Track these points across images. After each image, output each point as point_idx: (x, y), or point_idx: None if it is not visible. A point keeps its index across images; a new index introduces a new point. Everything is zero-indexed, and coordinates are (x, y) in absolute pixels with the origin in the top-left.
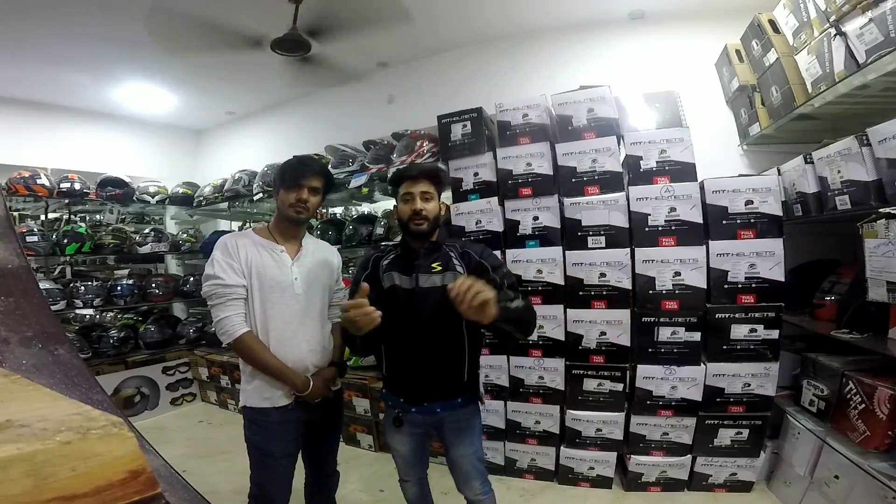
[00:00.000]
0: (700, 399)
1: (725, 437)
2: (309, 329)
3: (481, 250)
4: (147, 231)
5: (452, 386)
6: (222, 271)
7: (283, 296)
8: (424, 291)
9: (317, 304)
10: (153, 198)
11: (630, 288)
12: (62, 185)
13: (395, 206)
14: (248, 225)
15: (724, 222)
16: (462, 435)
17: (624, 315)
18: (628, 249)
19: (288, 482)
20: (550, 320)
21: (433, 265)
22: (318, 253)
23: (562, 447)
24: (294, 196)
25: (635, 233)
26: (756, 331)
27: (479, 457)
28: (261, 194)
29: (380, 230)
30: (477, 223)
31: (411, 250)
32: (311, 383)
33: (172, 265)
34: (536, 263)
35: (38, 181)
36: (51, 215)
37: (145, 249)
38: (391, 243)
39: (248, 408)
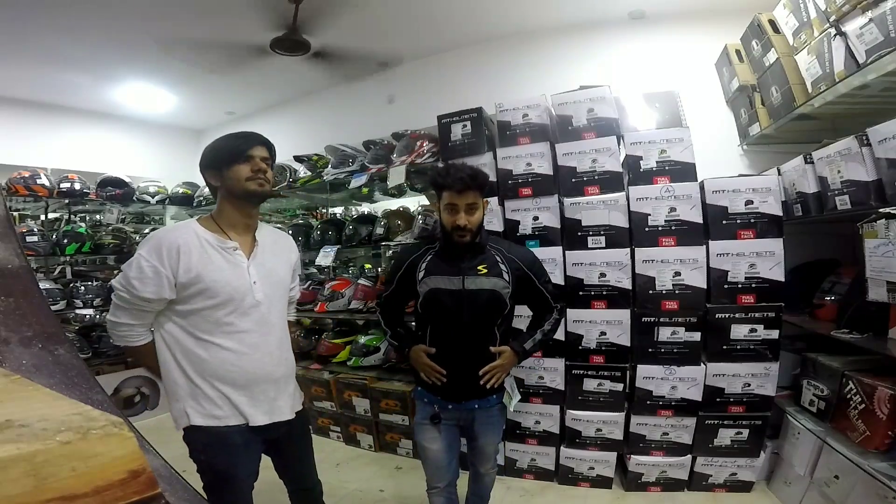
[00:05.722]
0: (700, 399)
1: (725, 437)
2: (272, 339)
3: (531, 261)
4: (147, 231)
5: (487, 384)
6: (141, 283)
7: (242, 304)
8: (471, 293)
9: (278, 308)
10: (153, 198)
11: (630, 288)
12: (62, 185)
13: (437, 208)
14: None
15: (724, 222)
16: (492, 428)
17: (624, 315)
18: (628, 249)
19: (251, 499)
20: None
21: (479, 267)
22: (276, 247)
23: (562, 447)
24: (249, 167)
25: (635, 233)
26: (756, 331)
27: (498, 442)
28: None
29: (380, 230)
30: None
31: (456, 252)
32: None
33: None
34: None
35: (38, 181)
36: (51, 215)
37: None
38: (430, 246)
39: (196, 427)
